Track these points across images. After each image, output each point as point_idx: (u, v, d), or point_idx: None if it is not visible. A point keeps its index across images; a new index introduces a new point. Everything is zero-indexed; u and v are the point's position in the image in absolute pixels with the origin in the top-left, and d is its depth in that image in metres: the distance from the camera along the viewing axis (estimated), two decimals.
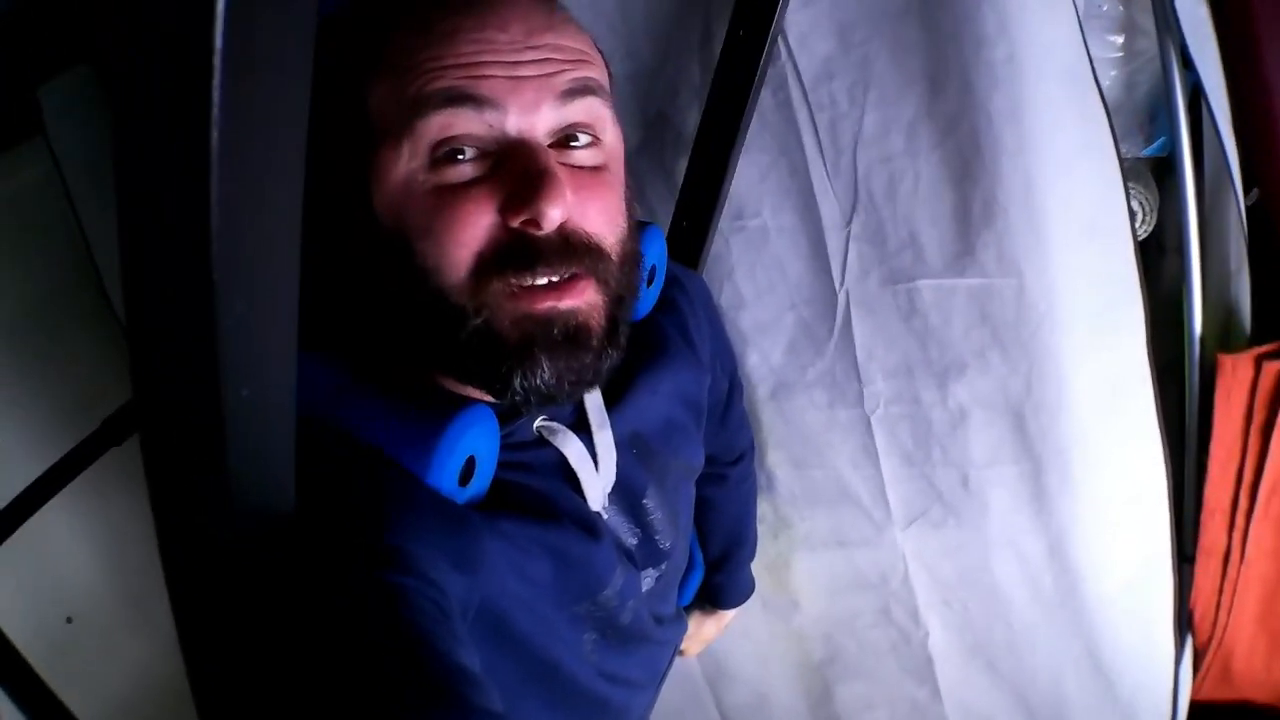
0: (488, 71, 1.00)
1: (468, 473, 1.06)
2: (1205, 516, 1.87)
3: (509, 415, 1.14)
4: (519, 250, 1.01)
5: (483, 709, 0.85)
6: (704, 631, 1.99)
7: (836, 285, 1.78)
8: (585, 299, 1.05)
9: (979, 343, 1.72)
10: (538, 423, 1.18)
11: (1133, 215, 1.65)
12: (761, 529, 1.97)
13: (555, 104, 1.03)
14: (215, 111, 0.51)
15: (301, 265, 0.91)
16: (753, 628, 2.16)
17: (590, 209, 1.05)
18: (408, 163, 1.01)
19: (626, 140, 1.70)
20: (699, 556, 1.88)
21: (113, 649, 2.20)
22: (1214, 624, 1.96)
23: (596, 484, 1.23)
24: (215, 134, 0.52)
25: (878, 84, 1.63)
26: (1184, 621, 1.95)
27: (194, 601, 0.78)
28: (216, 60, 0.50)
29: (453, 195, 1.00)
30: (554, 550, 1.13)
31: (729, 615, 1.98)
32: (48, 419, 1.95)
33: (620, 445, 1.26)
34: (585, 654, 1.25)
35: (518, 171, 1.00)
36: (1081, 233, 1.62)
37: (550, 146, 1.04)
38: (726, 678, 2.28)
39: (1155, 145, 1.93)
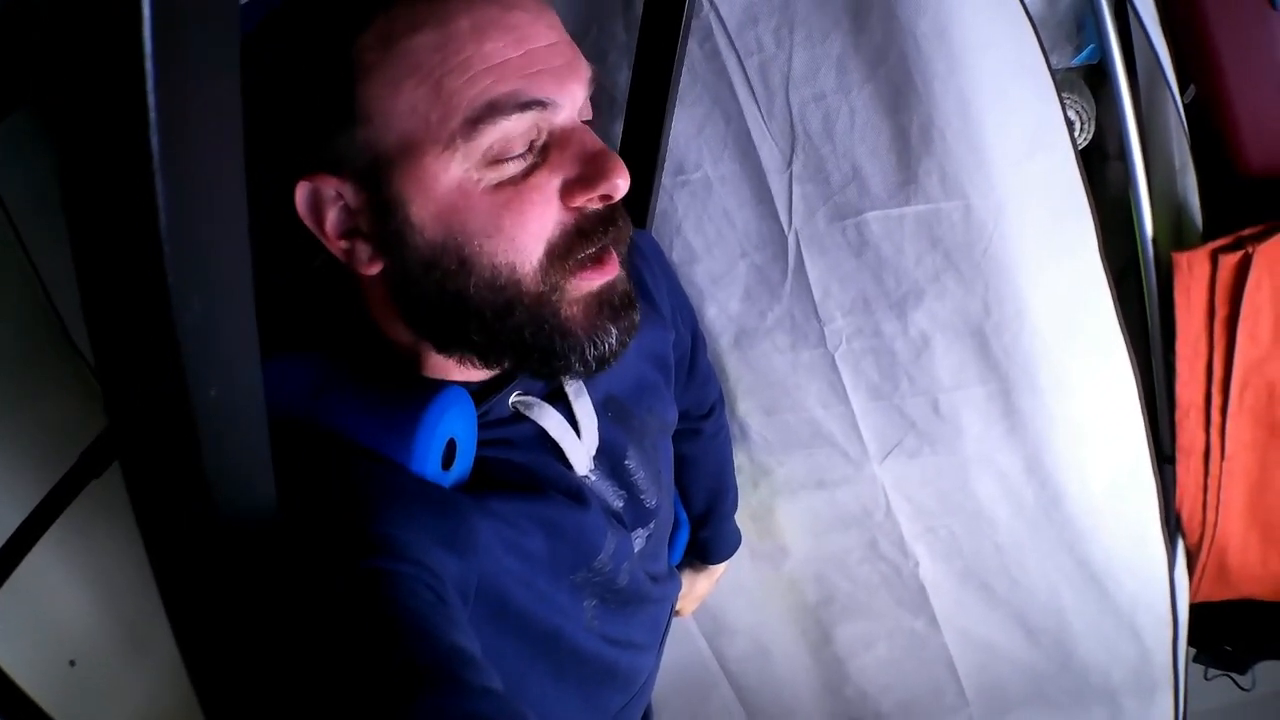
0: (539, 66, 0.99)
1: (450, 456, 1.06)
2: (1180, 416, 1.88)
3: (483, 394, 1.14)
4: (578, 229, 1.03)
5: (481, 688, 0.85)
6: (697, 588, 1.99)
7: (785, 228, 1.78)
8: (619, 265, 1.09)
9: (933, 268, 1.73)
10: (513, 398, 1.18)
11: (1071, 125, 1.65)
12: (741, 479, 1.99)
13: (586, 89, 1.05)
14: (151, 115, 0.51)
15: (264, 270, 0.92)
16: (744, 578, 2.17)
17: None
18: (461, 165, 0.99)
19: None
20: (684, 515, 1.88)
21: (117, 687, 2.20)
22: (1203, 523, 1.97)
23: (580, 450, 1.24)
24: (155, 139, 0.52)
25: (802, 23, 1.63)
26: (1172, 524, 1.96)
27: (188, 606, 0.78)
28: (148, 65, 0.50)
29: (515, 190, 1.00)
30: (545, 522, 1.14)
31: (720, 569, 1.99)
32: (21, 462, 1.94)
33: (597, 409, 1.27)
34: (587, 621, 1.26)
35: (575, 153, 1.02)
36: (1022, 148, 1.62)
37: None
38: (725, 631, 2.29)
39: (1085, 53, 1.94)
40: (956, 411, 1.84)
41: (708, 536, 1.90)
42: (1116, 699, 2.16)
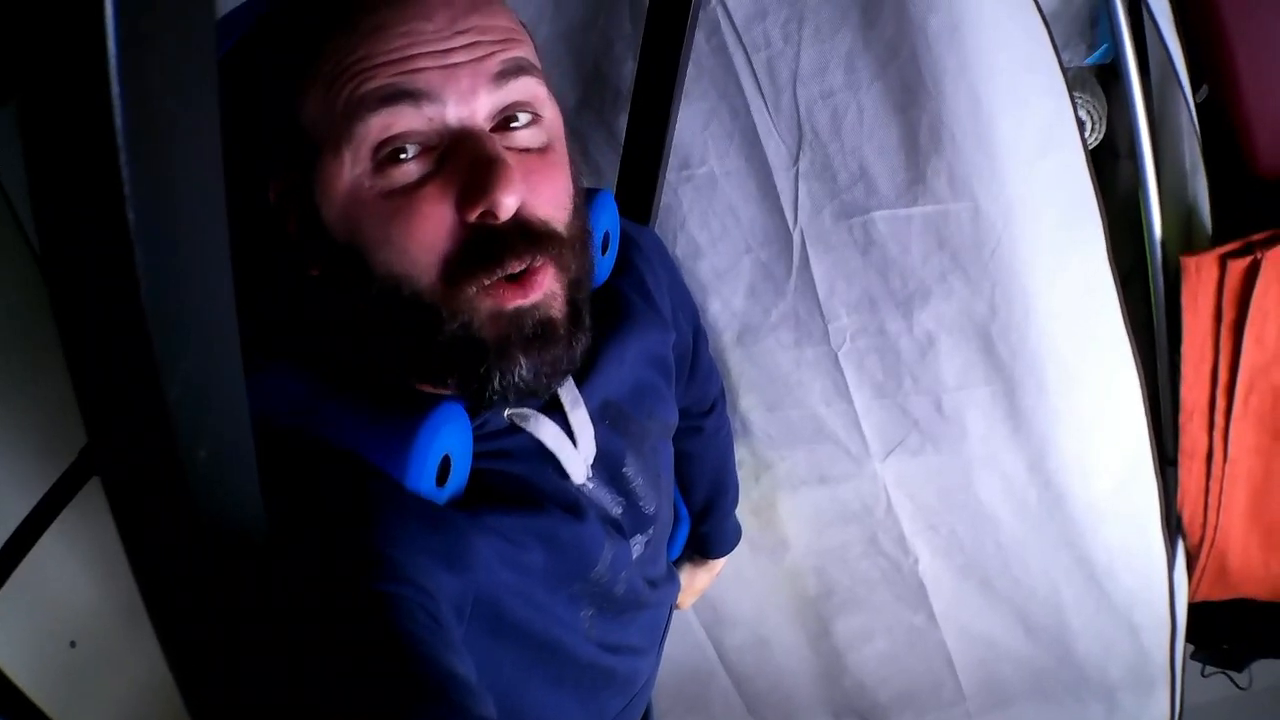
0: (419, 64, 0.97)
1: (445, 471, 1.05)
2: (1184, 419, 1.87)
3: (479, 407, 1.12)
4: (482, 246, 0.99)
5: (477, 716, 0.84)
6: (696, 583, 1.99)
7: (790, 225, 1.77)
8: (545, 289, 1.04)
9: (939, 268, 1.71)
10: (508, 411, 1.16)
11: (1081, 125, 1.64)
12: (742, 473, 1.97)
13: (491, 87, 1.00)
14: (127, 188, 0.50)
15: (257, 277, 0.93)
16: (744, 571, 2.17)
17: (542, 192, 1.04)
18: (352, 170, 0.98)
19: (564, 99, 1.70)
20: (684, 509, 1.88)
21: (118, 668, 2.20)
22: (1204, 525, 1.96)
23: (577, 459, 1.22)
24: (132, 215, 0.51)
25: (811, 18, 1.60)
26: (1173, 525, 1.96)
27: (181, 635, 0.77)
28: (118, 122, 0.48)
29: (405, 198, 0.98)
30: (543, 536, 1.12)
31: (719, 564, 1.98)
32: (23, 454, 1.94)
33: (593, 416, 1.25)
34: (584, 630, 1.25)
35: (466, 163, 0.98)
36: (1032, 148, 1.60)
37: (492, 131, 1.02)
38: (725, 623, 2.29)
39: (1098, 53, 1.92)
40: (960, 411, 1.83)
41: (708, 531, 1.90)
42: (1114, 695, 2.16)
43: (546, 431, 1.18)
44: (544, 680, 1.20)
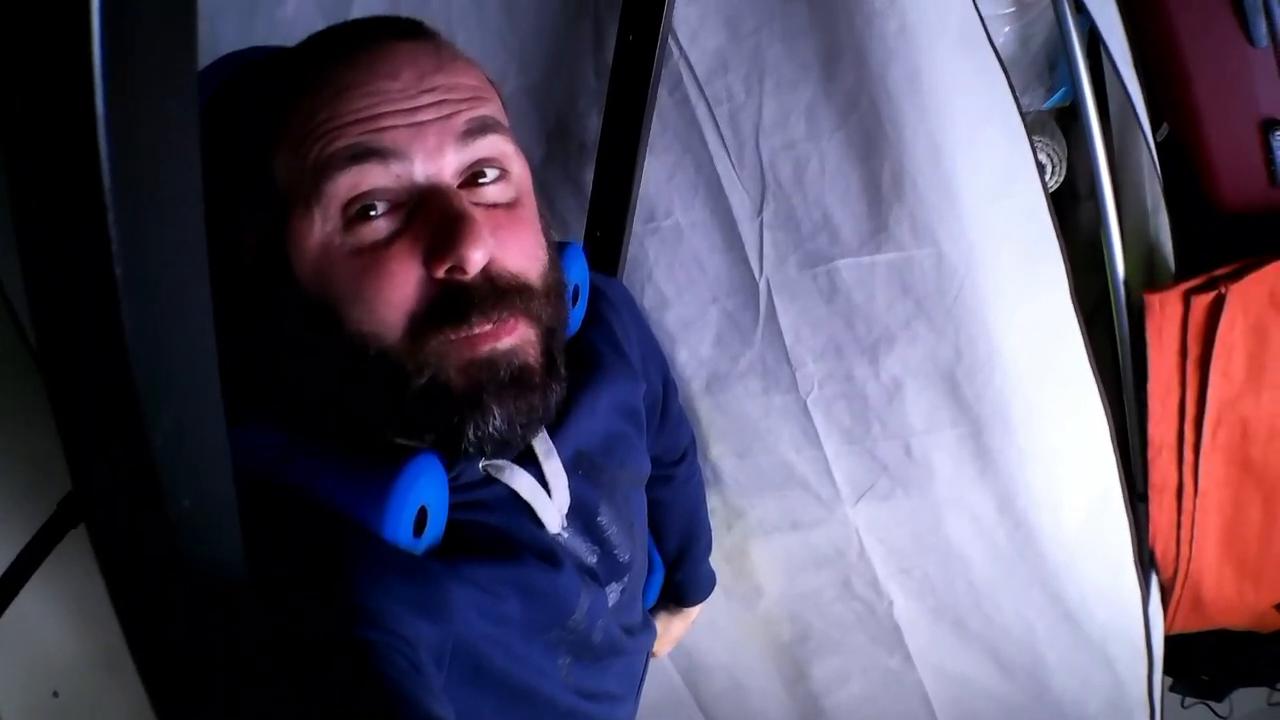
0: (387, 123, 0.98)
1: (421, 522, 1.05)
2: (1152, 454, 1.88)
3: (456, 459, 1.12)
4: (450, 302, 1.00)
5: None
6: (671, 630, 1.98)
7: (756, 274, 1.78)
8: (519, 335, 1.04)
9: (904, 315, 1.73)
10: (483, 463, 1.16)
11: (1042, 168, 1.65)
12: (714, 521, 1.97)
13: (458, 145, 1.01)
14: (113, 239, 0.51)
15: (237, 330, 0.93)
16: (719, 618, 2.16)
17: (511, 247, 1.05)
18: (322, 227, 0.99)
19: (530, 154, 1.68)
20: (658, 558, 1.87)
21: (100, 714, 2.20)
22: (1176, 558, 1.97)
23: (551, 509, 1.22)
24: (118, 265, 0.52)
25: (772, 71, 1.62)
26: (1146, 559, 1.96)
27: (165, 682, 0.77)
28: (105, 176, 0.49)
29: (373, 255, 0.99)
30: (519, 586, 1.12)
31: (694, 612, 1.98)
32: (2, 505, 1.94)
33: (567, 467, 1.25)
34: (562, 678, 1.25)
35: (434, 219, 0.98)
36: (992, 193, 1.62)
37: (460, 187, 1.03)
38: (701, 670, 2.29)
39: (1057, 95, 1.93)
40: (928, 454, 1.84)
41: (682, 579, 1.89)
42: None
43: (521, 482, 1.18)
44: None
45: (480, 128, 1.03)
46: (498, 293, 1.02)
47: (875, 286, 1.72)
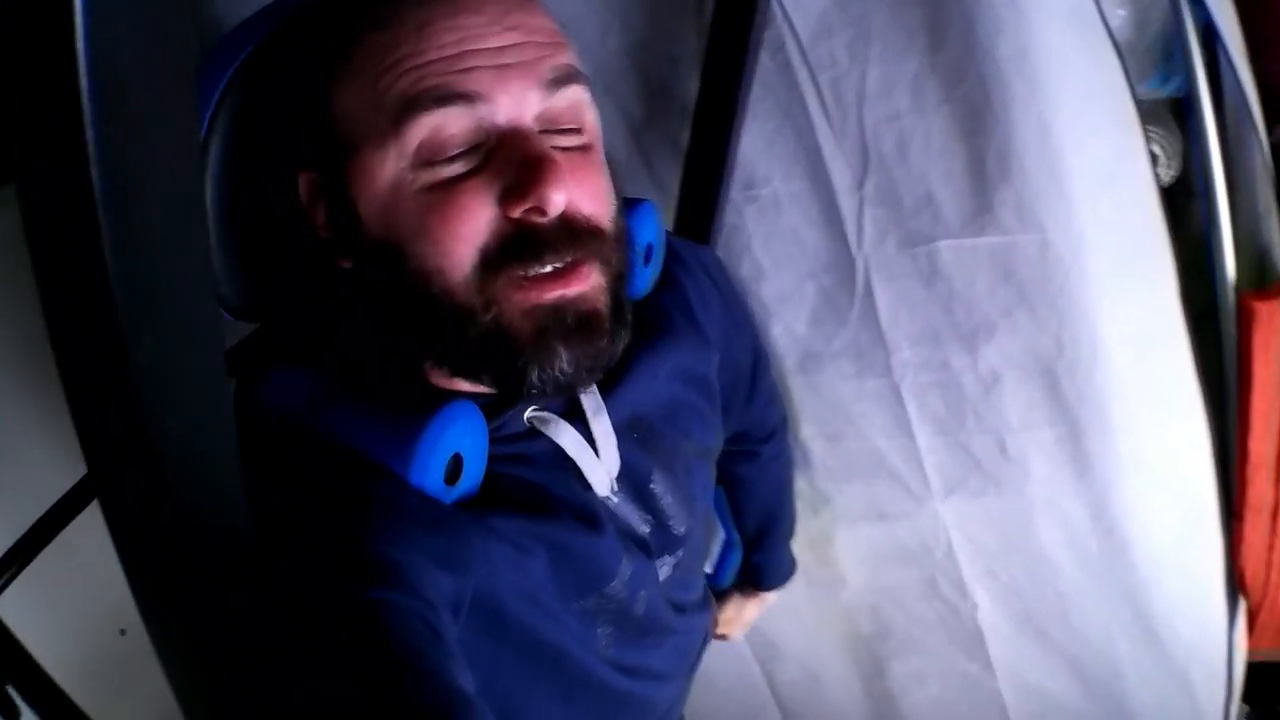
0: (471, 62, 0.97)
1: (455, 471, 1.03)
2: (1250, 471, 1.78)
3: (498, 408, 1.10)
4: (524, 241, 0.98)
5: None
6: (745, 614, 1.94)
7: (854, 251, 1.72)
8: (590, 283, 1.03)
9: (1005, 303, 1.65)
10: (528, 414, 1.14)
11: (1154, 160, 1.59)
12: (800, 505, 1.92)
13: (542, 92, 1.00)
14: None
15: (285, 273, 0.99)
16: (799, 605, 2.11)
17: (586, 191, 1.03)
18: (395, 164, 0.99)
19: (631, 115, 1.68)
20: (736, 536, 1.84)
21: None
22: (1265, 582, 1.87)
23: (599, 470, 1.19)
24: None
25: (878, 38, 1.56)
26: (1234, 581, 1.87)
27: (170, 635, 0.78)
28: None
29: (446, 192, 0.98)
30: (550, 543, 1.10)
31: (770, 597, 1.93)
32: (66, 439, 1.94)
33: (619, 430, 1.22)
34: (600, 649, 1.22)
35: (515, 160, 0.97)
36: (1102, 180, 1.55)
37: (539, 133, 1.01)
38: (777, 656, 2.24)
39: (1173, 85, 1.87)
40: (1024, 453, 1.76)
41: (760, 562, 1.85)
42: None
43: (567, 437, 1.16)
44: (550, 695, 1.18)
45: (565, 77, 1.02)
46: (572, 235, 1.01)
47: (977, 271, 1.65)
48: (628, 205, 1.25)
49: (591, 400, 1.19)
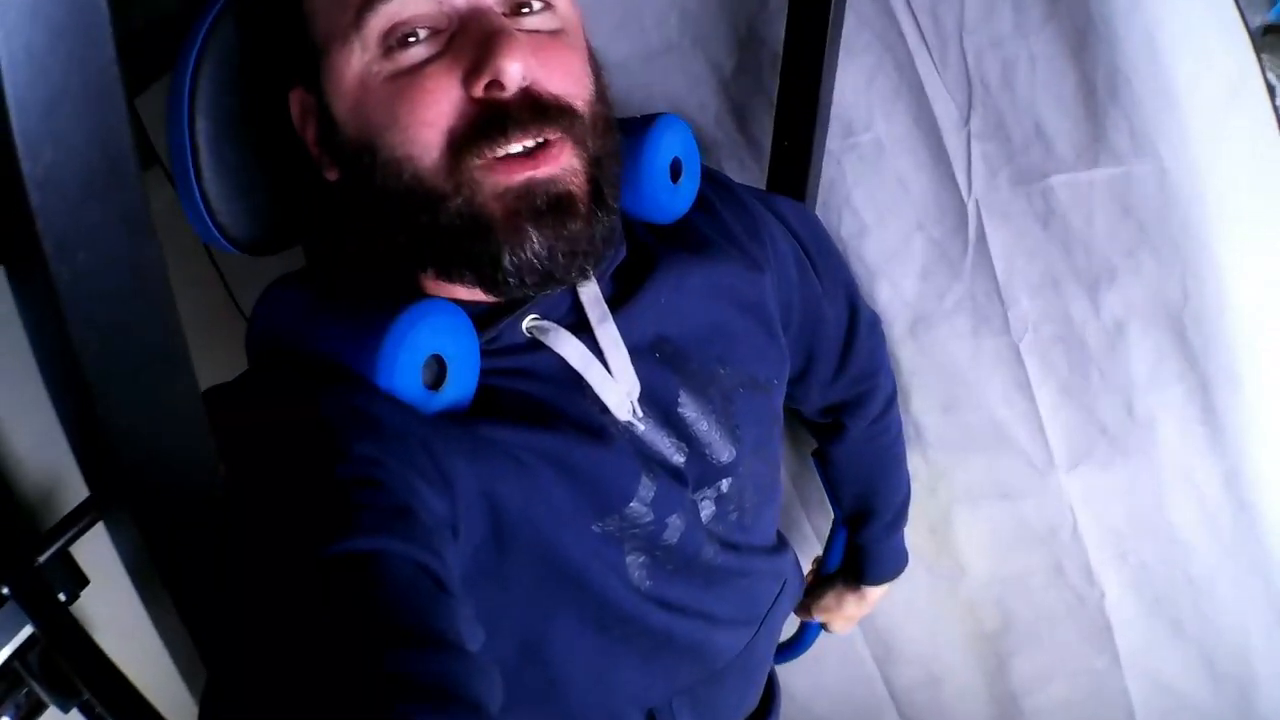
0: None
1: (440, 377, 1.01)
2: None
3: (494, 316, 1.08)
4: (489, 120, 0.97)
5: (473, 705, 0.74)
6: (846, 609, 1.82)
7: (964, 194, 1.60)
8: (562, 164, 1.01)
9: (1127, 242, 1.50)
10: (527, 322, 1.11)
11: (1271, 90, 1.44)
12: (916, 486, 1.80)
13: None
14: None
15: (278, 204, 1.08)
16: (919, 600, 1.97)
17: (554, 69, 1.02)
18: (360, 57, 1.00)
19: (721, 67, 1.62)
20: (838, 512, 1.75)
21: None
22: None
23: (614, 389, 1.14)
24: None
25: None
26: None
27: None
28: None
29: (411, 78, 0.99)
30: (553, 458, 1.05)
31: (875, 593, 1.81)
32: None
33: (641, 349, 1.18)
34: (632, 577, 1.16)
35: (474, 39, 0.97)
36: (1216, 103, 1.41)
37: (503, 15, 1.01)
38: (897, 659, 2.09)
39: None
40: (1152, 414, 1.60)
41: (861, 548, 1.75)
42: None
43: (569, 347, 1.11)
44: (579, 624, 1.13)
45: None
46: (538, 110, 1.00)
47: (1094, 207, 1.51)
48: (648, 119, 1.26)
49: (595, 307, 1.15)
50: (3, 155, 0.47)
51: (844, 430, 1.64)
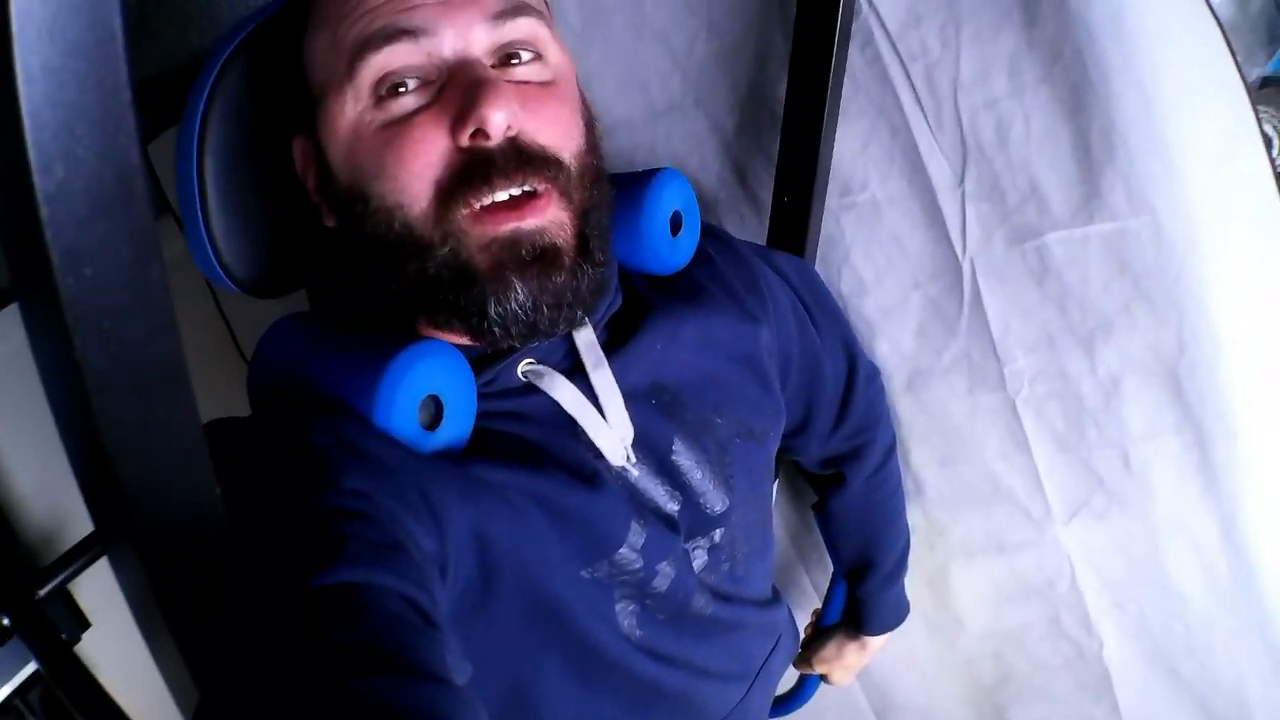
0: (417, 1, 1.01)
1: (436, 417, 1.03)
2: None
3: (491, 359, 1.11)
4: (473, 167, 1.01)
5: None
6: (846, 658, 1.84)
7: (959, 254, 1.63)
8: (549, 216, 1.04)
9: (1122, 297, 1.53)
10: (522, 366, 1.13)
11: (1268, 141, 1.47)
12: (915, 540, 1.82)
13: (489, 24, 1.04)
14: None
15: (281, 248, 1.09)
16: (919, 653, 1.98)
17: (541, 119, 1.05)
18: (354, 107, 1.04)
19: (723, 126, 1.66)
20: (838, 565, 1.78)
21: None
22: None
23: (608, 433, 1.16)
24: None
25: (970, 20, 1.49)
26: None
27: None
28: None
29: (400, 127, 1.02)
30: (542, 500, 1.07)
31: (875, 643, 1.83)
32: None
33: (637, 395, 1.20)
34: (622, 625, 1.17)
35: (461, 89, 1.00)
36: (1212, 157, 1.43)
37: (493, 67, 1.04)
38: (895, 710, 2.10)
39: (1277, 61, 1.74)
40: (1148, 466, 1.61)
41: (861, 599, 1.76)
42: None
43: (563, 392, 1.14)
44: (564, 666, 1.14)
45: (513, 9, 1.06)
46: (523, 159, 1.02)
47: (1089, 263, 1.53)
48: (649, 173, 1.30)
49: (590, 353, 1.17)
50: (16, 169, 0.49)
51: (844, 481, 1.67)
